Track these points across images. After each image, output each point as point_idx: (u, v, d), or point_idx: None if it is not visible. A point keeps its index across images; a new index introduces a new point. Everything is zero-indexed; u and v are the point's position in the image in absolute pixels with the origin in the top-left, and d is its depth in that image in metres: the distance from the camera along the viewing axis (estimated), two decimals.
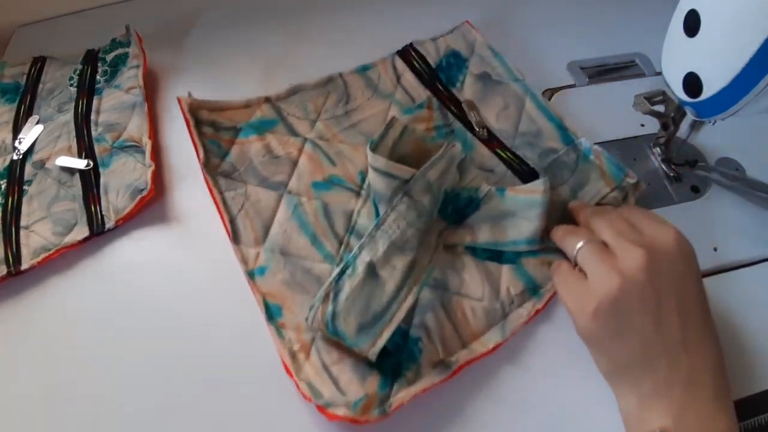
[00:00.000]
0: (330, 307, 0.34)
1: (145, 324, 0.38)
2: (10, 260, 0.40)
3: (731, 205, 0.43)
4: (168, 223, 0.43)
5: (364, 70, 0.50)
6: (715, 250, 0.40)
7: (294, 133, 0.46)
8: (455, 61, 0.51)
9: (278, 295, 0.38)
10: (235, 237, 0.40)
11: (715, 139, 0.46)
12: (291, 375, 0.34)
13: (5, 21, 0.58)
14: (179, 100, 0.46)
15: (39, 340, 0.38)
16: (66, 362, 0.37)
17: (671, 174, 0.44)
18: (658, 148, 0.45)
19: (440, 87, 0.49)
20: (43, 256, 0.39)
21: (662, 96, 0.41)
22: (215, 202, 0.41)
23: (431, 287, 0.37)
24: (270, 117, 0.47)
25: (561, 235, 0.36)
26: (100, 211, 0.42)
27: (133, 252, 0.41)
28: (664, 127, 0.43)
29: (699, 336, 0.30)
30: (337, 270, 0.36)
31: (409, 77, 0.50)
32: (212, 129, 0.45)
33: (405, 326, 0.36)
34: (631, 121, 0.47)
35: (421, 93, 0.49)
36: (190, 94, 0.46)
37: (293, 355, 0.35)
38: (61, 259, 0.40)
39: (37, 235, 0.41)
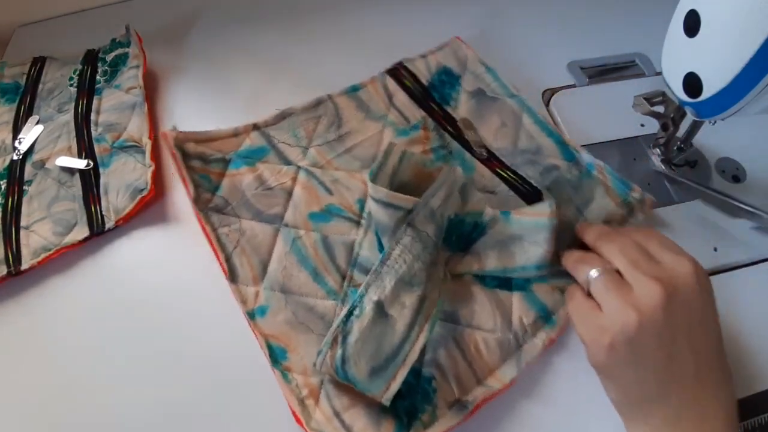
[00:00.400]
0: (339, 352, 0.32)
1: (144, 324, 0.38)
2: (10, 260, 0.40)
3: (731, 205, 0.43)
4: (168, 223, 0.43)
5: (353, 91, 0.49)
6: (715, 250, 0.40)
7: (286, 161, 0.44)
8: (448, 79, 0.50)
9: (282, 337, 0.36)
10: (232, 276, 0.38)
11: (715, 139, 0.46)
12: (301, 424, 0.32)
13: (5, 21, 0.58)
14: (164, 135, 0.44)
15: (39, 340, 0.38)
16: (66, 362, 0.37)
17: (671, 174, 0.44)
18: (657, 149, 0.45)
19: (434, 106, 0.48)
20: (43, 256, 0.39)
21: (662, 96, 0.41)
22: (209, 240, 0.40)
23: (441, 321, 0.36)
24: (259, 145, 0.45)
25: (573, 262, 0.35)
26: (100, 211, 0.42)
27: (133, 252, 0.41)
28: (664, 127, 0.43)
29: (712, 371, 0.30)
30: (344, 311, 0.34)
31: (401, 97, 0.48)
32: (201, 162, 0.43)
33: (417, 365, 0.34)
34: (631, 121, 0.47)
35: (415, 113, 0.47)
36: (174, 128, 0.44)
37: (302, 402, 0.33)
38: (61, 259, 0.40)
39: (37, 235, 0.41)
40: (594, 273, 0.32)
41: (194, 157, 0.43)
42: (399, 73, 0.50)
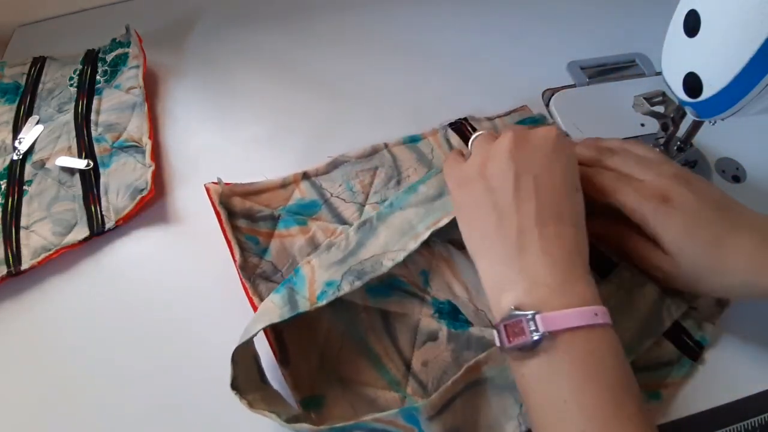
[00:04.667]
0: None
1: (145, 324, 0.38)
2: (10, 260, 0.40)
3: None
4: (168, 223, 0.43)
5: (412, 141, 0.45)
6: None
7: (340, 219, 0.40)
8: None
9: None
10: (282, 357, 0.34)
11: (715, 139, 0.46)
12: None
13: (5, 21, 0.58)
14: (207, 190, 0.40)
15: (39, 340, 0.38)
16: (66, 362, 0.37)
17: None
18: (657, 149, 0.45)
19: None
20: (43, 256, 0.39)
21: (662, 96, 0.41)
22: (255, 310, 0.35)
23: None
24: (310, 198, 0.41)
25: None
26: (100, 211, 0.42)
27: (133, 252, 0.41)
28: (664, 127, 0.43)
29: (555, 212, 0.31)
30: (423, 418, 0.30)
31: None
32: (247, 221, 0.39)
33: None
34: (631, 121, 0.47)
35: None
36: (219, 181, 0.40)
37: None
38: (62, 259, 0.40)
39: (37, 235, 0.41)
40: (477, 133, 0.37)
41: (240, 216, 0.39)
42: (464, 128, 0.46)
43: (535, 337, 0.27)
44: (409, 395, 0.33)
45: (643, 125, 0.47)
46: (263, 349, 0.34)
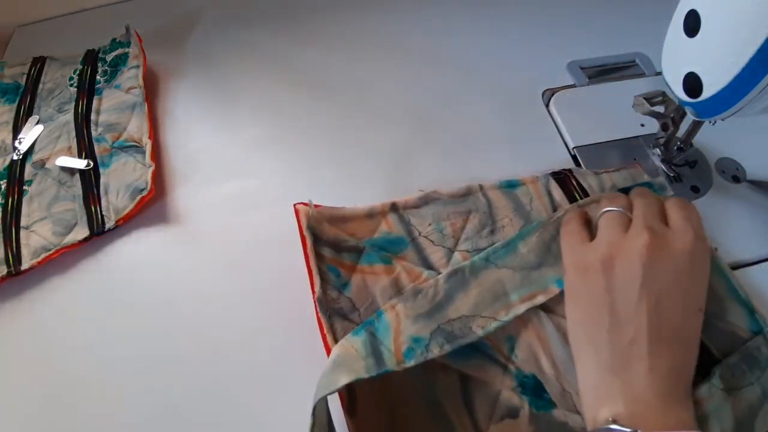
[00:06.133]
0: None
1: (145, 324, 0.38)
2: (11, 260, 0.40)
3: (731, 205, 0.43)
4: (168, 223, 0.43)
5: (510, 187, 0.41)
6: (716, 249, 0.40)
7: (427, 263, 0.38)
8: None
9: None
10: (351, 408, 0.32)
11: (715, 139, 0.46)
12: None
13: (5, 21, 0.58)
14: (296, 211, 0.38)
15: (39, 340, 0.38)
16: (66, 362, 0.37)
17: (671, 174, 0.44)
18: (657, 149, 0.45)
19: None
20: (43, 256, 0.39)
21: (662, 96, 0.41)
22: (327, 349, 0.34)
23: None
24: (397, 234, 0.39)
25: (606, 197, 0.37)
26: (101, 211, 0.42)
27: (133, 252, 0.41)
28: (664, 127, 0.43)
29: (671, 332, 0.30)
30: None
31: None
32: (332, 251, 0.37)
33: None
34: (631, 121, 0.47)
35: None
36: (309, 202, 0.38)
37: None
38: (62, 259, 0.40)
39: (38, 235, 0.41)
40: (608, 208, 0.35)
41: (325, 244, 0.37)
42: (568, 181, 0.42)
43: None
44: None
45: (643, 125, 0.47)
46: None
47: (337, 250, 0.37)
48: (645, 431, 0.27)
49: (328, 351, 0.33)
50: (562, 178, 0.42)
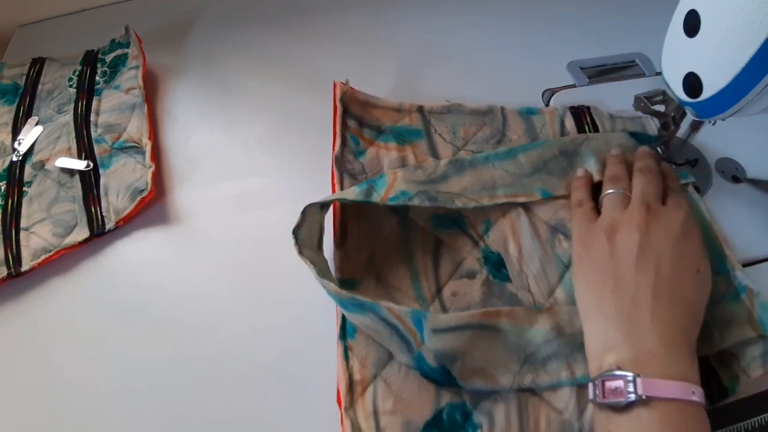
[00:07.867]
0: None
1: (145, 324, 0.38)
2: (11, 262, 0.40)
3: (732, 205, 0.43)
4: (168, 224, 0.43)
5: (528, 113, 0.47)
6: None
7: (435, 154, 0.44)
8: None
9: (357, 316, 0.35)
10: (340, 242, 0.39)
11: (715, 139, 0.46)
12: (340, 406, 0.33)
13: (5, 21, 0.58)
14: (335, 85, 0.45)
15: (39, 341, 0.38)
16: (66, 363, 0.37)
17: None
18: (658, 148, 0.45)
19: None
20: (43, 257, 0.39)
21: (662, 96, 0.41)
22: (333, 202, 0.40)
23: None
24: (416, 127, 0.45)
25: (607, 178, 0.40)
26: (101, 212, 0.42)
27: (134, 253, 0.41)
28: (664, 127, 0.43)
29: (670, 290, 0.32)
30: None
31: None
32: (356, 124, 0.44)
33: (471, 407, 0.33)
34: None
35: None
36: (347, 82, 0.45)
37: (351, 385, 0.33)
38: (62, 260, 0.40)
39: (38, 236, 0.41)
40: (611, 190, 0.38)
41: (352, 117, 0.45)
42: (583, 116, 0.47)
43: (631, 398, 0.28)
44: (429, 312, 0.34)
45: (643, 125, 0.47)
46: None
47: (361, 125, 0.44)
48: (647, 377, 0.28)
49: (334, 203, 0.40)
50: (578, 112, 0.47)
